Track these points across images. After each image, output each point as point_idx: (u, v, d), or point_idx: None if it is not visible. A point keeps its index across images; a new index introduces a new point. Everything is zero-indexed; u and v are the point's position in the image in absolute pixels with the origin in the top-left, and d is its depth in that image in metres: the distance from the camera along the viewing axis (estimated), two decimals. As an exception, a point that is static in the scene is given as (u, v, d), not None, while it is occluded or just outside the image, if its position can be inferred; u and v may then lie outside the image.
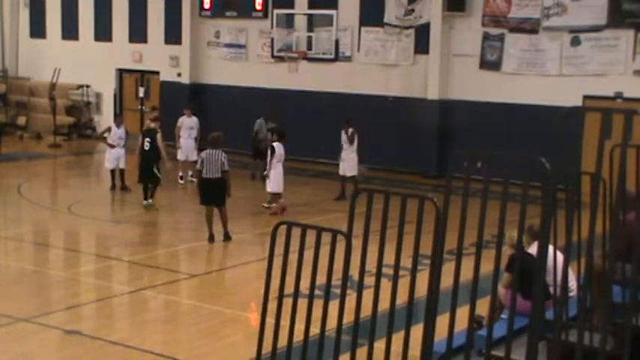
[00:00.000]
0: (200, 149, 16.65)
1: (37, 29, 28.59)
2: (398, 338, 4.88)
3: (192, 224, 15.82)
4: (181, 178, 19.59)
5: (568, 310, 6.61)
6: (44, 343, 9.46)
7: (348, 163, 17.87)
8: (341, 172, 18.03)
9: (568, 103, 17.68)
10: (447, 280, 4.86)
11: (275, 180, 16.26)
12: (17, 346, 9.23)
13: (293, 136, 17.50)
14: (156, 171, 16.79)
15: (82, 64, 26.96)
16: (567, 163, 4.99)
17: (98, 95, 27.56)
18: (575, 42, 19.70)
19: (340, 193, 17.83)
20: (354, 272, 5.18)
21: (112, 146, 18.25)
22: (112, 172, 18.45)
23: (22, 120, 28.23)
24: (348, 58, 22.82)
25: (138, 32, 26.29)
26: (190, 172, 19.27)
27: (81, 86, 27.32)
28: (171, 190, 18.85)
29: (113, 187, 18.47)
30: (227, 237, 14.28)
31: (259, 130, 20.10)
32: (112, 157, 18.31)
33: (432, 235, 4.81)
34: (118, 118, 19.51)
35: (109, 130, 18.54)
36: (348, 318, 5.11)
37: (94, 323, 10.31)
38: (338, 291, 5.09)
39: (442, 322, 4.88)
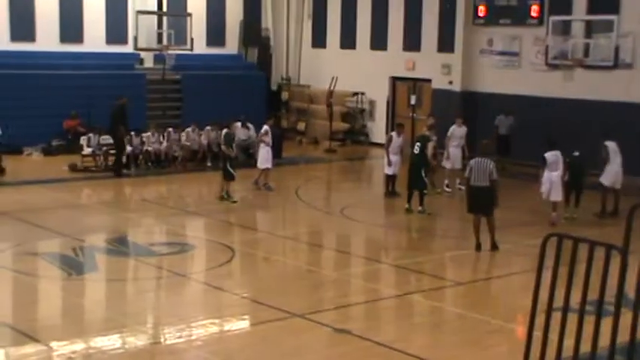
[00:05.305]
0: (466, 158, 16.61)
1: (319, 39, 30.00)
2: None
3: (459, 232, 15.82)
4: (447, 186, 19.67)
5: None
6: (316, 339, 9.92)
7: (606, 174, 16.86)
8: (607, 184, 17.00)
9: None
10: None
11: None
12: (292, 340, 9.76)
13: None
14: (423, 176, 17.02)
15: (358, 73, 27.90)
16: None
17: (372, 103, 28.36)
18: None
19: (602, 209, 16.87)
20: (630, 290, 4.97)
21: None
22: (389, 177, 18.82)
23: (301, 125, 29.76)
24: (629, 66, 21.66)
25: (412, 41, 26.75)
26: (458, 180, 19.30)
27: (356, 94, 28.29)
28: (438, 198, 19.01)
29: (389, 193, 18.86)
30: (494, 246, 14.13)
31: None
32: (392, 163, 18.65)
33: None
34: (399, 127, 19.39)
35: (390, 139, 18.78)
36: (622, 337, 4.91)
37: (362, 324, 10.63)
38: (611, 308, 4.91)
39: None
